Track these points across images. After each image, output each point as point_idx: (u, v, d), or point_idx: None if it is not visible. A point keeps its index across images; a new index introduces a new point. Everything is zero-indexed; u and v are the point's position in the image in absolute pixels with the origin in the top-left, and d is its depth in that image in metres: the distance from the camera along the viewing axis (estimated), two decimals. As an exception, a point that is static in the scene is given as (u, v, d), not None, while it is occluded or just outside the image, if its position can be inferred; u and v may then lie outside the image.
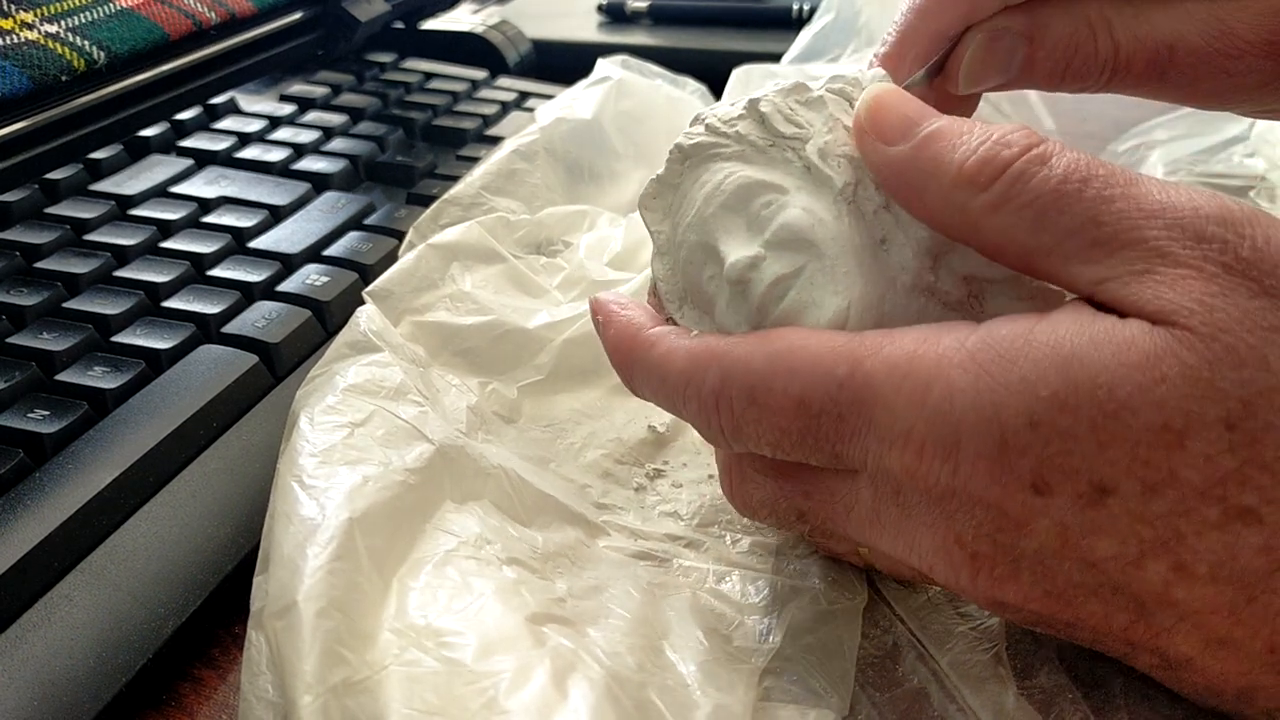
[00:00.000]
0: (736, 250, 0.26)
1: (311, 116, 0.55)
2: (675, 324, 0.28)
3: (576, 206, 0.43)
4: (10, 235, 0.41)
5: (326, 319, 0.39)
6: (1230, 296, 0.20)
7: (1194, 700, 0.24)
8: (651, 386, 0.27)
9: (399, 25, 0.67)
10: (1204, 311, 0.20)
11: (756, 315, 0.26)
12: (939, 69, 0.31)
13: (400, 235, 0.42)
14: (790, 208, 0.26)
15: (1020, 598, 0.22)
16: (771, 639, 0.27)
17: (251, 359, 0.36)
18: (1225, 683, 0.22)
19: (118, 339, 0.36)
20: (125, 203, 0.45)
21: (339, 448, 0.28)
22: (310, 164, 0.50)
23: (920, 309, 0.25)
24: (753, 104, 0.27)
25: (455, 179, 0.44)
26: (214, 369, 0.35)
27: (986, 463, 0.21)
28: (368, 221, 0.46)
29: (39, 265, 0.40)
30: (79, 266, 0.40)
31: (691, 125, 0.28)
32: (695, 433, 0.35)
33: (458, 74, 0.62)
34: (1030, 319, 0.22)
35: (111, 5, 0.43)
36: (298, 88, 0.58)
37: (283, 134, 0.52)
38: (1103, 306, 0.22)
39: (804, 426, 0.24)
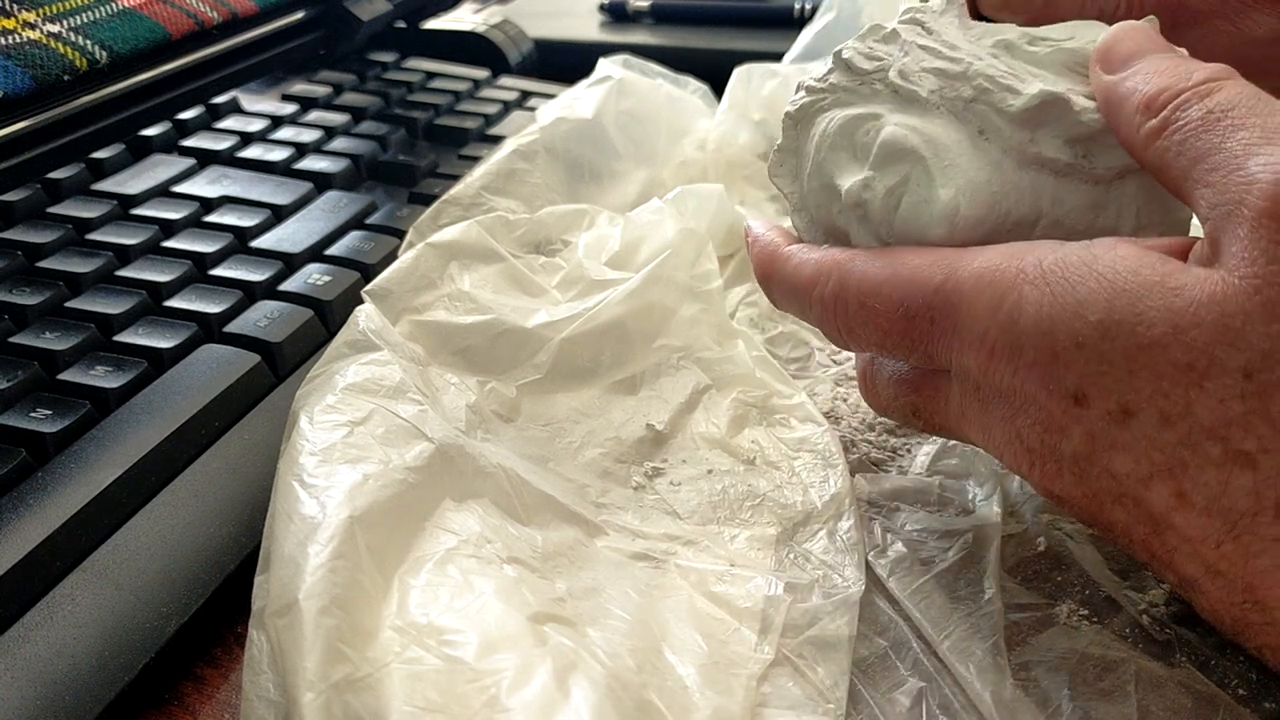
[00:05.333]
0: (848, 179, 0.29)
1: (313, 116, 0.55)
2: None
3: (575, 205, 0.43)
4: (12, 235, 0.41)
5: (328, 318, 0.39)
6: None
7: (1210, 621, 0.25)
8: (785, 293, 0.31)
9: (401, 25, 0.68)
10: (1254, 264, 0.21)
11: (880, 230, 0.29)
12: None
13: (402, 235, 0.42)
14: (886, 127, 0.28)
15: (1067, 493, 0.25)
16: (766, 646, 0.27)
17: (253, 358, 0.36)
18: (1224, 610, 0.24)
19: (120, 338, 0.36)
20: (127, 202, 0.45)
21: (339, 446, 0.28)
22: (312, 163, 0.50)
23: (1033, 181, 0.27)
24: (837, 55, 0.30)
25: (457, 178, 0.44)
26: (216, 368, 0.35)
27: (1040, 369, 0.24)
28: (370, 221, 0.46)
29: (41, 264, 0.40)
30: (81, 266, 0.40)
31: (794, 94, 0.31)
32: (693, 430, 0.35)
33: (459, 73, 0.62)
34: (1104, 245, 0.24)
35: (114, 5, 0.43)
36: (300, 87, 0.58)
37: (285, 133, 0.53)
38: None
39: (903, 328, 0.27)
